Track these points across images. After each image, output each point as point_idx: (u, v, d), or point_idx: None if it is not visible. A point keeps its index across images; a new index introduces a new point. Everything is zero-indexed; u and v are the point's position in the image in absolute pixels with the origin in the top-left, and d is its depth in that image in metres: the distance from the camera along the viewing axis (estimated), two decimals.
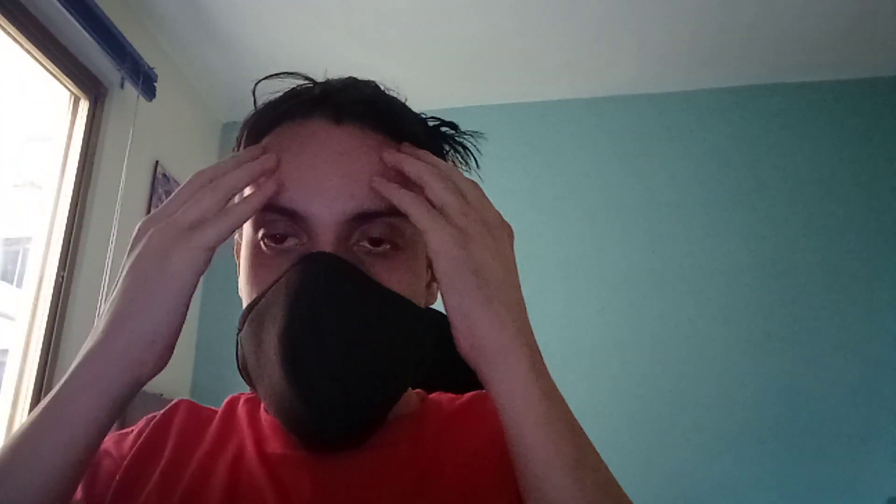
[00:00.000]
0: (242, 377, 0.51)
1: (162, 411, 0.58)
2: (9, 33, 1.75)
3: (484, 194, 0.49)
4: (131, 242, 0.47)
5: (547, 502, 0.41)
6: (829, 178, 2.32)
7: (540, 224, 2.45)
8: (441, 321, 0.47)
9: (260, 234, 0.48)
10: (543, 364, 0.45)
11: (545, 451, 0.41)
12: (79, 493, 0.50)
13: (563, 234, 2.42)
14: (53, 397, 0.43)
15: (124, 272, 0.46)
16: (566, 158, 2.52)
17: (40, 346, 1.82)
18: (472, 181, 0.50)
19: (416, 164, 0.47)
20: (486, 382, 0.44)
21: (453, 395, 0.58)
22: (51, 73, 1.93)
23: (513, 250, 0.49)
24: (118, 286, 0.46)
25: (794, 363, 2.17)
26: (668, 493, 2.10)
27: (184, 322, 0.46)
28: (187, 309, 0.45)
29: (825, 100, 2.39)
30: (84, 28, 1.79)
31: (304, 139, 0.49)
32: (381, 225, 0.47)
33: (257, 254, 0.49)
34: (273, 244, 0.48)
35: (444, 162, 0.50)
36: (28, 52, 1.83)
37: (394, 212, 0.46)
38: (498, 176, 2.51)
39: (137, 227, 0.47)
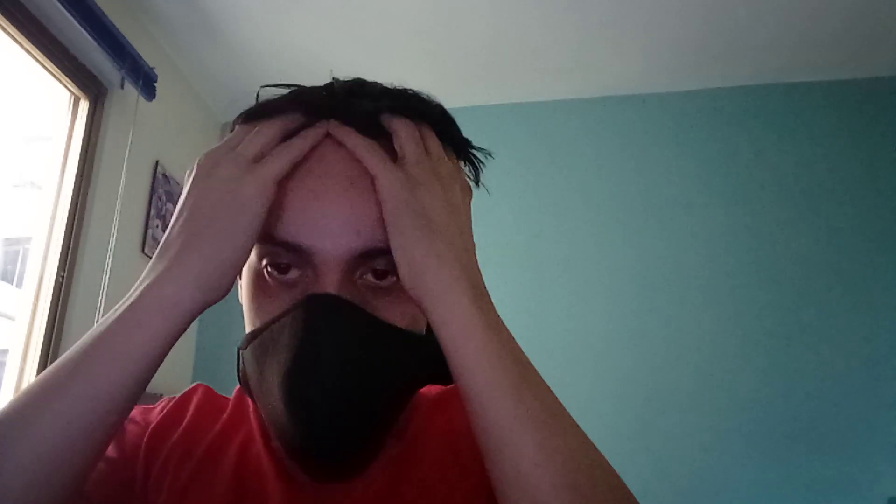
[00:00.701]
0: (242, 388, 0.53)
1: (181, 393, 0.61)
2: (9, 33, 1.75)
3: (447, 156, 0.52)
4: (194, 173, 0.48)
5: (489, 424, 0.41)
6: (829, 177, 2.32)
7: (545, 223, 2.45)
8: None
9: (263, 262, 0.48)
10: (489, 302, 0.45)
11: (484, 374, 0.41)
12: (112, 451, 0.53)
13: (569, 232, 2.43)
14: (127, 309, 0.43)
15: (192, 199, 0.46)
16: (570, 157, 2.52)
17: (40, 346, 1.82)
18: (443, 145, 0.52)
19: (392, 116, 0.50)
20: (429, 318, 0.44)
21: (441, 386, 0.60)
22: (51, 73, 1.93)
23: (465, 203, 0.51)
24: (185, 213, 0.46)
25: (794, 363, 2.17)
26: (668, 492, 2.11)
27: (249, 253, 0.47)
28: (255, 241, 0.46)
29: (825, 100, 2.39)
30: (84, 28, 1.79)
31: (310, 160, 0.48)
32: (387, 259, 0.47)
33: (261, 282, 0.49)
34: (277, 274, 0.48)
35: (425, 124, 0.52)
36: (28, 52, 1.83)
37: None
38: (503, 175, 2.51)
39: (199, 160, 0.49)
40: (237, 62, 2.38)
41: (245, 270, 0.51)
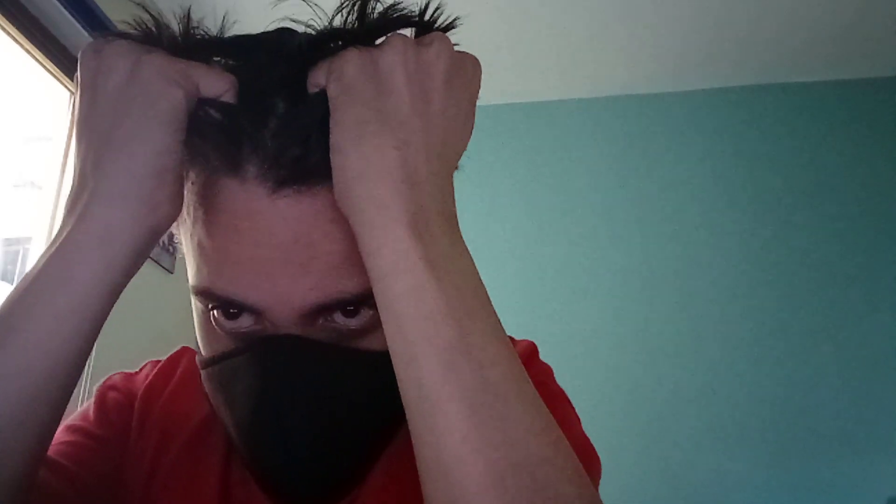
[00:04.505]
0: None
1: (166, 358, 0.54)
2: (9, 33, 1.75)
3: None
4: (80, 70, 0.37)
5: (410, 394, 0.32)
6: (828, 178, 2.32)
7: (547, 223, 2.45)
8: None
9: (210, 305, 0.40)
10: (444, 233, 0.34)
11: (411, 326, 0.32)
12: (97, 427, 0.47)
13: (571, 232, 2.43)
14: (53, 255, 0.33)
15: (91, 105, 0.36)
16: (572, 157, 2.52)
17: None
18: None
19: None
20: (358, 244, 0.34)
21: None
22: (51, 73, 1.92)
23: (458, 83, 0.37)
24: (87, 123, 0.36)
25: (794, 363, 2.17)
26: (668, 494, 2.10)
27: (180, 155, 0.36)
28: (183, 136, 0.35)
29: (824, 100, 2.39)
30: (84, 28, 1.79)
31: (240, 214, 0.37)
32: (357, 300, 0.38)
33: (208, 323, 0.41)
34: (225, 320, 0.40)
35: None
36: (28, 52, 1.83)
37: (369, 293, 0.36)
38: (495, 177, 2.51)
39: (81, 54, 0.37)
40: None
41: (192, 302, 0.42)
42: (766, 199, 2.34)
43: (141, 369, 0.54)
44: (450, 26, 0.40)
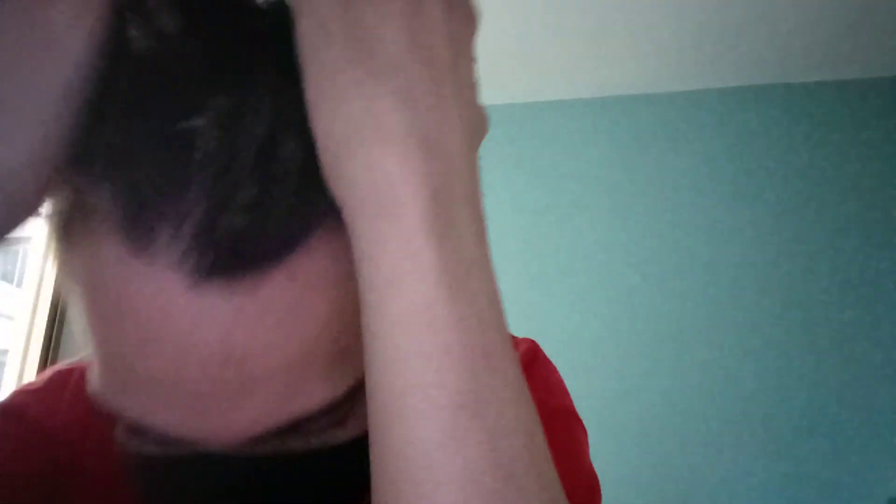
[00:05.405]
0: None
1: (83, 365, 0.42)
2: None
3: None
4: None
5: (400, 460, 0.22)
6: (829, 177, 2.32)
7: (546, 223, 2.45)
8: None
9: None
10: (471, 229, 0.25)
11: (410, 368, 0.22)
12: (14, 466, 0.37)
13: (570, 232, 2.42)
14: None
15: None
16: (571, 157, 2.52)
17: (40, 346, 1.82)
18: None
19: None
20: (353, 245, 0.24)
21: None
22: None
23: (460, 36, 0.26)
24: None
25: (793, 363, 2.17)
26: (667, 492, 2.10)
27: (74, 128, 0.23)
28: (78, 101, 0.23)
29: (825, 100, 2.39)
30: None
31: (148, 314, 0.24)
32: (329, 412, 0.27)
33: None
34: None
35: None
36: None
37: (338, 403, 0.27)
38: (503, 175, 2.51)
39: None
40: None
41: None
42: (768, 198, 2.34)
43: (49, 381, 0.41)
44: None
